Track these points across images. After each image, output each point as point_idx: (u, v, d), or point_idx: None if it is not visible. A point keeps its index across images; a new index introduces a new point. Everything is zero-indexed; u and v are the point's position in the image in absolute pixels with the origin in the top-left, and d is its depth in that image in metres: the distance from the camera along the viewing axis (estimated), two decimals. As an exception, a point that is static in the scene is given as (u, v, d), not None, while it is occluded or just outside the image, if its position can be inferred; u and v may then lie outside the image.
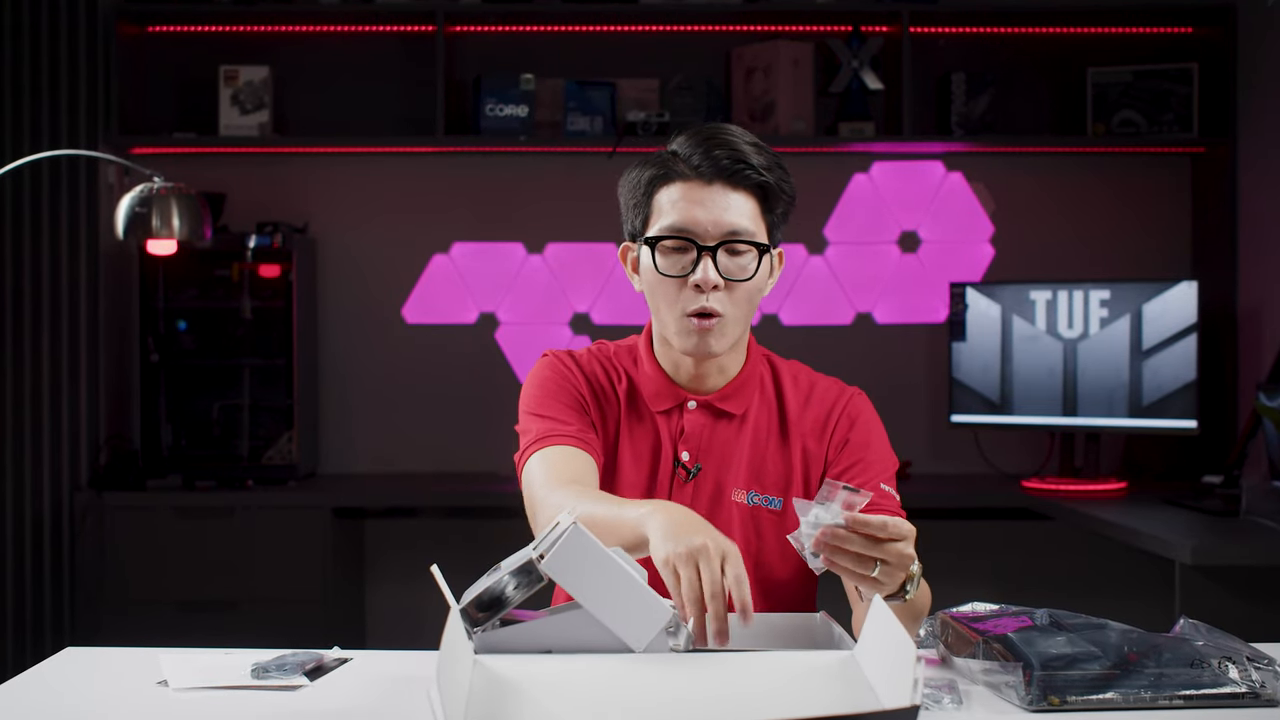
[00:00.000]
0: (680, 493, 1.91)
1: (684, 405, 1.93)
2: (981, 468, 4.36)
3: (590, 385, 1.95)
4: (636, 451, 1.93)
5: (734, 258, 1.84)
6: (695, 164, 1.83)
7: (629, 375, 1.96)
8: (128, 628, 3.84)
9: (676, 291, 1.84)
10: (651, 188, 1.86)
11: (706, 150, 1.83)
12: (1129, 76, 4.27)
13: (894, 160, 4.42)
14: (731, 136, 1.85)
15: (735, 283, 1.84)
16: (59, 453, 4.08)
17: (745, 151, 1.83)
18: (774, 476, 1.92)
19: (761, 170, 1.83)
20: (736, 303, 1.85)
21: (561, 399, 1.91)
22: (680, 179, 1.84)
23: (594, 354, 1.98)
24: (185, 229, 3.12)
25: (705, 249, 1.82)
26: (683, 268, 1.83)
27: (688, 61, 4.35)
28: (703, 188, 1.83)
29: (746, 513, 1.91)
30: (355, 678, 1.64)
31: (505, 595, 1.56)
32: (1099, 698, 1.46)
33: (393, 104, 4.36)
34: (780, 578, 1.91)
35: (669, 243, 1.84)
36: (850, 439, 1.93)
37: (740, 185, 1.83)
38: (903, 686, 1.31)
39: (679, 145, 1.86)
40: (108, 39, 4.12)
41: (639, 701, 1.43)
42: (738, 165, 1.82)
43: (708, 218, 1.82)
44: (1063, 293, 4.06)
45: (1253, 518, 3.38)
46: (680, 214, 1.83)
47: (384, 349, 4.40)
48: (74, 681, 1.64)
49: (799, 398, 1.96)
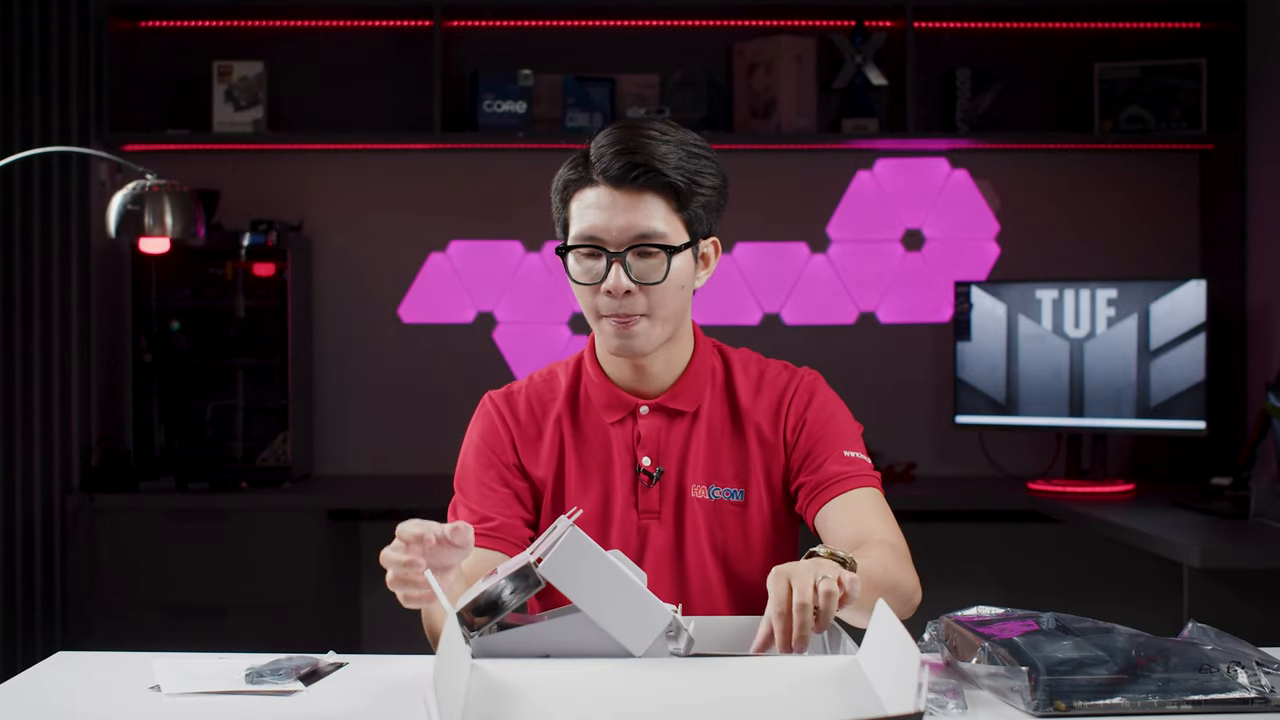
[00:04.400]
0: (646, 497, 1.92)
1: (636, 411, 1.93)
2: (987, 469, 4.33)
3: (520, 428, 1.96)
4: (586, 468, 1.94)
5: (645, 259, 1.83)
6: (603, 168, 1.82)
7: (575, 391, 1.97)
8: (119, 632, 3.82)
9: (593, 296, 1.87)
10: (566, 194, 1.87)
11: (615, 154, 1.82)
12: (1136, 72, 4.23)
13: (898, 157, 4.39)
14: (643, 136, 1.83)
15: (649, 285, 1.83)
16: (50, 454, 4.05)
17: (654, 152, 1.81)
18: (732, 468, 1.93)
19: (669, 171, 1.81)
20: (656, 303, 1.85)
21: (487, 477, 1.93)
22: (590, 185, 1.84)
23: (534, 385, 2.00)
24: (178, 227, 3.11)
25: (614, 255, 1.82)
26: (595, 274, 1.85)
27: (688, 56, 4.32)
28: (610, 191, 1.82)
29: (710, 507, 1.92)
30: (350, 683, 1.64)
31: (502, 599, 1.56)
32: (1106, 703, 1.45)
33: (389, 100, 4.34)
34: (746, 569, 1.92)
35: (581, 250, 1.85)
36: (807, 418, 1.93)
37: (646, 187, 1.82)
38: (906, 691, 1.29)
39: (593, 148, 1.86)
40: (100, 34, 4.09)
41: (639, 706, 1.43)
42: (639, 169, 1.81)
43: (615, 223, 1.82)
44: (1069, 292, 4.02)
45: (1262, 520, 3.36)
46: (588, 221, 1.83)
47: (380, 349, 4.38)
48: (65, 687, 1.64)
49: (749, 386, 1.96)
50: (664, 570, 1.89)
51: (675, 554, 1.90)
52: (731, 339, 2.09)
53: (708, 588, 1.91)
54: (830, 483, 1.88)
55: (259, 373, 4.12)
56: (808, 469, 1.90)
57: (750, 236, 4.36)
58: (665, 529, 1.91)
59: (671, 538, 1.91)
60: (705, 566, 1.90)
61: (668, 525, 1.91)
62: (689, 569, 1.90)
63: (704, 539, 1.90)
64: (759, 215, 4.32)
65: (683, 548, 1.90)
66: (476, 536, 1.85)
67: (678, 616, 1.57)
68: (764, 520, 1.92)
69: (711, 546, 1.90)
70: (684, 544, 1.90)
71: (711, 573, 1.91)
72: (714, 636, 1.68)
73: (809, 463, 1.90)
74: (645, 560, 1.89)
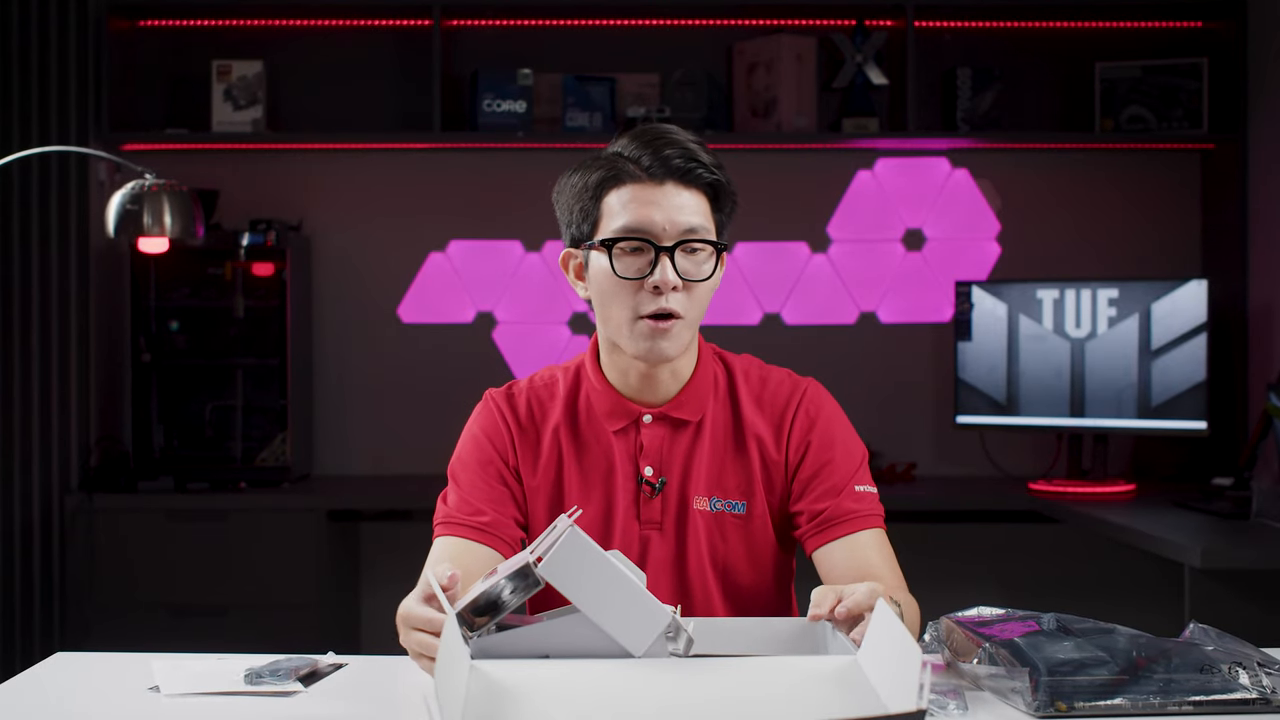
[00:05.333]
0: (648, 508, 1.89)
1: (639, 420, 1.90)
2: (987, 470, 4.32)
3: (521, 432, 1.93)
4: (588, 477, 1.91)
5: (691, 257, 1.82)
6: (646, 164, 1.82)
7: (574, 399, 1.94)
8: (119, 632, 3.81)
9: (633, 294, 1.82)
10: (600, 191, 1.84)
11: (656, 150, 1.82)
12: (1138, 72, 4.22)
13: (898, 157, 4.38)
14: (677, 136, 1.84)
15: (693, 283, 1.82)
16: (49, 454, 4.04)
17: (694, 150, 1.83)
18: (735, 480, 1.91)
19: (712, 169, 1.83)
20: (694, 303, 1.83)
21: (484, 472, 1.90)
22: (631, 180, 1.82)
23: (534, 388, 1.96)
24: (177, 226, 3.11)
25: (663, 249, 1.80)
26: (640, 269, 1.81)
27: (689, 56, 4.31)
28: (655, 188, 1.81)
29: (711, 519, 1.89)
30: (350, 683, 1.64)
31: (502, 599, 1.55)
32: (1107, 704, 1.45)
33: (388, 99, 4.33)
34: (747, 582, 1.91)
35: (625, 244, 1.81)
36: (811, 440, 1.90)
37: (692, 184, 1.82)
38: (907, 691, 1.28)
39: (623, 147, 1.85)
40: (99, 34, 4.08)
41: (639, 707, 1.42)
42: (690, 164, 1.81)
43: (663, 218, 1.80)
44: (1070, 291, 4.01)
45: (1263, 520, 3.35)
46: (634, 215, 1.80)
47: (379, 349, 4.37)
48: (64, 687, 1.64)
49: (751, 396, 1.94)
50: (664, 581, 1.87)
51: (676, 565, 1.88)
52: (732, 339, 2.08)
53: (708, 600, 1.89)
54: (836, 521, 1.85)
55: (258, 373, 4.11)
56: (810, 497, 1.87)
57: (750, 236, 4.35)
58: (667, 540, 1.88)
59: (673, 549, 1.88)
60: (706, 578, 1.88)
61: (669, 536, 1.89)
62: (690, 581, 1.88)
63: (705, 551, 1.88)
64: (759, 215, 4.31)
65: (684, 559, 1.88)
66: (467, 529, 1.86)
67: (677, 617, 1.56)
68: (766, 533, 1.90)
69: (713, 559, 1.88)
70: (685, 555, 1.88)
71: (712, 585, 1.89)
72: (714, 637, 1.67)
73: (811, 490, 1.88)
74: (646, 571, 1.87)
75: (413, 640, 1.55)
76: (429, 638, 1.52)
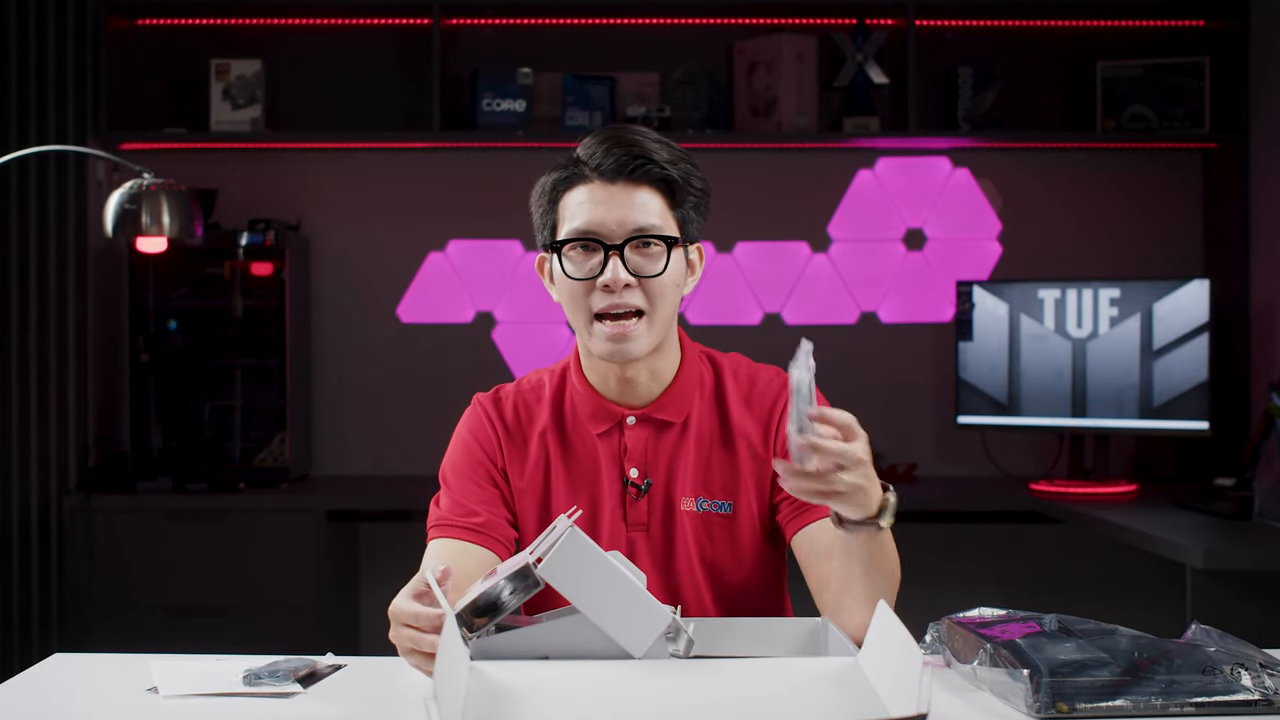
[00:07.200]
0: (634, 509, 1.89)
1: (623, 422, 1.90)
2: (988, 470, 4.31)
3: (508, 435, 1.94)
4: (574, 479, 1.91)
5: (643, 252, 1.82)
6: (596, 164, 1.83)
7: (560, 402, 1.94)
8: (117, 633, 3.80)
9: (586, 295, 1.83)
10: (556, 194, 1.86)
11: (607, 150, 1.82)
12: (1139, 71, 4.21)
13: (899, 156, 4.37)
14: (634, 135, 1.85)
15: (647, 279, 1.81)
16: (47, 455, 4.04)
17: (648, 148, 1.83)
18: (721, 480, 1.91)
19: (664, 164, 1.83)
20: (656, 299, 1.83)
21: (474, 474, 1.91)
22: (583, 181, 1.84)
23: (521, 392, 1.97)
24: (176, 226, 3.11)
25: (612, 248, 1.81)
26: (590, 269, 1.82)
27: (689, 55, 4.31)
28: (605, 187, 1.82)
29: (698, 520, 1.90)
30: (349, 685, 1.63)
31: (501, 600, 1.55)
32: (1108, 705, 1.45)
33: (388, 98, 4.32)
34: (736, 581, 1.91)
35: (575, 245, 1.82)
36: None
37: (643, 181, 1.82)
38: (908, 694, 1.28)
39: (582, 148, 1.86)
40: (97, 33, 4.08)
41: (638, 708, 1.42)
42: (637, 161, 1.82)
43: (612, 217, 1.81)
44: (1071, 291, 4.00)
45: (1265, 521, 3.35)
46: (585, 216, 1.82)
47: (378, 349, 4.36)
48: (63, 688, 1.64)
49: (740, 395, 1.94)
50: (653, 582, 1.86)
51: (664, 566, 1.88)
52: (732, 339, 2.08)
53: (698, 599, 1.89)
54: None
55: (257, 373, 4.11)
56: None
57: (751, 236, 4.34)
58: (654, 541, 1.89)
59: (660, 550, 1.89)
60: (695, 578, 1.89)
61: (656, 538, 1.89)
62: (679, 581, 1.88)
63: (693, 551, 1.88)
64: (760, 214, 4.31)
65: (672, 560, 1.88)
66: (461, 531, 1.86)
67: (677, 618, 1.56)
68: (754, 533, 1.90)
69: (700, 559, 1.88)
70: (673, 556, 1.88)
71: (701, 585, 1.89)
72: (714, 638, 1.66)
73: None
74: None
75: (402, 636, 1.55)
76: (417, 633, 1.52)
